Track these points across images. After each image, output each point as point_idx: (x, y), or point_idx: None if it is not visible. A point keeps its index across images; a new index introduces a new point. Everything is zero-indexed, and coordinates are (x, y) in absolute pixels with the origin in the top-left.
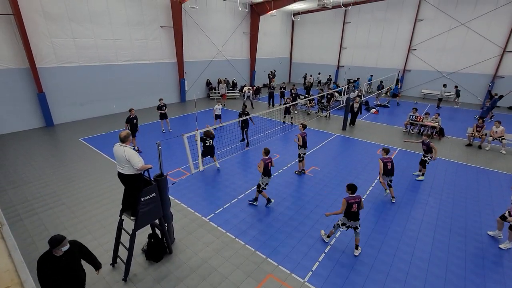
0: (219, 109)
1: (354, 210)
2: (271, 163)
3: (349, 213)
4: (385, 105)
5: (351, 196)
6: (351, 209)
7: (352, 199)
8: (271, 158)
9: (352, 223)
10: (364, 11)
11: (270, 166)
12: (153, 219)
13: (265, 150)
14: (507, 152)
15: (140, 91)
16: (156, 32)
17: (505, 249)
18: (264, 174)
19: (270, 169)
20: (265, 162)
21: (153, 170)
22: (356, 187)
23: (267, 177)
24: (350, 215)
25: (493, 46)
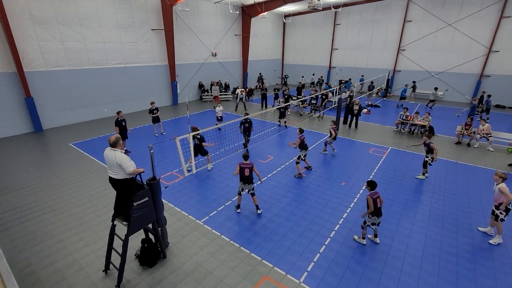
0: (220, 111)
1: (379, 205)
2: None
3: (376, 209)
4: (376, 105)
5: (372, 192)
6: (377, 205)
7: (375, 195)
8: (251, 164)
9: (379, 219)
10: (353, 13)
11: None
12: (146, 224)
13: (243, 154)
14: (495, 149)
15: (132, 94)
16: (147, 35)
17: (494, 244)
18: (240, 179)
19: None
20: (241, 166)
21: (146, 174)
22: (376, 183)
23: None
24: (376, 212)
25: (479, 46)
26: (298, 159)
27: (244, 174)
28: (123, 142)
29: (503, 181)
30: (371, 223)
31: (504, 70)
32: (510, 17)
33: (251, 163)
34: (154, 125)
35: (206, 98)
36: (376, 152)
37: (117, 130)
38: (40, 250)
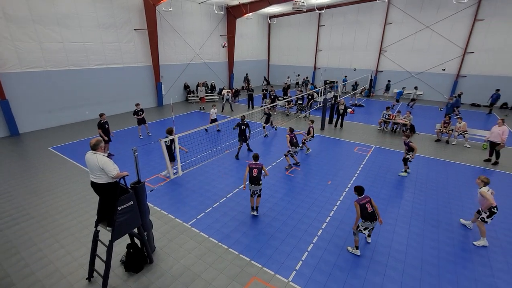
0: (214, 113)
1: (370, 210)
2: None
3: (367, 214)
4: (360, 104)
5: (360, 197)
6: (367, 210)
7: (363, 200)
8: (261, 165)
9: (372, 224)
10: (337, 14)
11: (256, 172)
12: (131, 228)
13: (254, 155)
14: (471, 146)
15: (115, 96)
16: (130, 35)
17: (479, 246)
18: (250, 181)
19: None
20: (250, 166)
21: (130, 177)
22: (363, 188)
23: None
24: (368, 217)
25: (455, 47)
26: (287, 152)
27: (253, 174)
28: (106, 145)
29: (485, 185)
30: (363, 228)
31: (479, 71)
32: (483, 20)
33: (261, 164)
34: (139, 127)
35: (192, 99)
36: (361, 150)
37: (100, 132)
38: (19, 260)
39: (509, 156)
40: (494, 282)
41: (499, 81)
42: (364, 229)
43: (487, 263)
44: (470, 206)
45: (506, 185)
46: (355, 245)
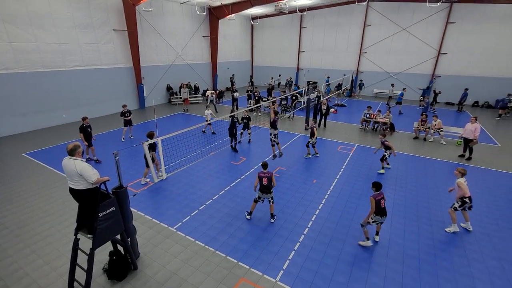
0: (209, 114)
1: (383, 206)
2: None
3: (380, 209)
4: (342, 104)
5: (376, 193)
6: (381, 205)
7: (379, 196)
8: (270, 173)
9: (382, 219)
10: (318, 16)
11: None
12: (113, 235)
13: (262, 163)
14: (446, 142)
15: (94, 99)
16: (108, 36)
17: (450, 232)
18: (260, 189)
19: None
20: (259, 175)
21: (112, 182)
22: (380, 184)
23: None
24: (380, 212)
25: (430, 49)
26: (271, 141)
27: (263, 183)
28: (91, 149)
29: (462, 176)
30: (372, 221)
31: (452, 71)
32: (454, 23)
33: (270, 172)
34: (125, 128)
35: (175, 101)
36: (344, 149)
37: (82, 136)
38: None
39: (481, 152)
40: (470, 272)
41: (470, 80)
42: (373, 222)
43: (463, 254)
44: (447, 201)
45: (479, 179)
46: (366, 237)
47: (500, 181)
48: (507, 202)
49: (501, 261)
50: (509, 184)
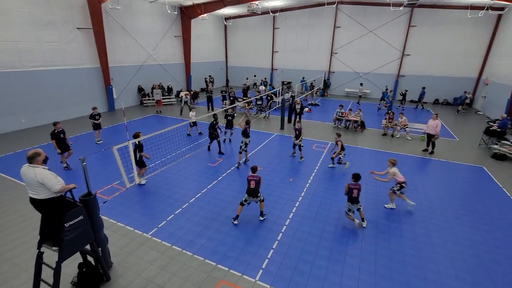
0: (193, 116)
1: (354, 195)
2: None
3: (351, 197)
4: (316, 103)
5: (352, 183)
6: (352, 194)
7: (353, 186)
8: (258, 177)
9: (354, 207)
10: (290, 18)
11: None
12: (82, 246)
13: (252, 167)
14: (412, 138)
15: (58, 101)
16: (72, 34)
17: (388, 207)
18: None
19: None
20: (248, 178)
21: (80, 189)
22: (359, 176)
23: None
24: (351, 199)
25: (395, 50)
26: (240, 148)
27: (250, 186)
28: (66, 155)
29: (393, 166)
30: (347, 209)
31: (415, 71)
32: (415, 26)
33: (259, 176)
34: (96, 131)
35: (148, 103)
36: (318, 147)
37: (54, 143)
38: None
39: (442, 146)
40: (434, 258)
41: (431, 80)
42: (348, 210)
43: (428, 241)
44: (412, 193)
45: (440, 171)
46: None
47: (458, 172)
48: (464, 192)
49: (460, 246)
50: (467, 175)
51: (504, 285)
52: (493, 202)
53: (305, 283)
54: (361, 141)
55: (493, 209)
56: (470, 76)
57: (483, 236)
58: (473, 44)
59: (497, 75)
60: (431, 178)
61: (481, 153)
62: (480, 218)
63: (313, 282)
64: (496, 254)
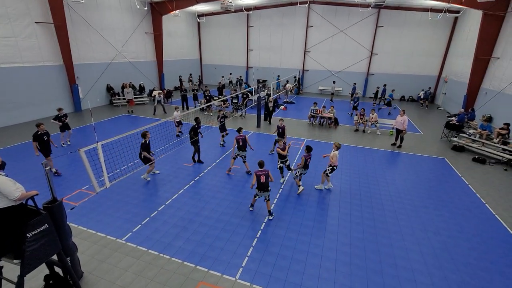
0: (178, 116)
1: (307, 162)
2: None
3: (305, 164)
4: (291, 101)
5: (306, 154)
6: (306, 162)
7: (307, 157)
8: (267, 171)
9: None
10: (264, 16)
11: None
12: (48, 256)
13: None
14: (381, 133)
15: (16, 102)
16: (30, 29)
17: (317, 188)
18: (257, 187)
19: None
20: (256, 174)
21: (44, 196)
22: (311, 147)
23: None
24: (305, 166)
25: (364, 49)
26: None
27: (260, 181)
28: (48, 159)
29: (337, 149)
30: (299, 173)
31: (383, 69)
32: (382, 27)
33: (267, 170)
34: (63, 133)
35: (118, 102)
36: (295, 144)
37: (35, 145)
38: None
39: (409, 140)
40: (404, 245)
41: (397, 78)
42: (300, 174)
43: (398, 230)
44: (383, 184)
45: (407, 163)
46: (298, 185)
47: (423, 164)
48: (429, 182)
49: (427, 233)
50: (431, 166)
51: (463, 265)
52: (454, 191)
53: (285, 278)
54: (334, 137)
55: (454, 197)
56: (432, 74)
57: (446, 223)
58: (434, 44)
59: (455, 74)
60: (399, 170)
61: (442, 145)
62: (444, 206)
63: (292, 277)
64: (457, 238)
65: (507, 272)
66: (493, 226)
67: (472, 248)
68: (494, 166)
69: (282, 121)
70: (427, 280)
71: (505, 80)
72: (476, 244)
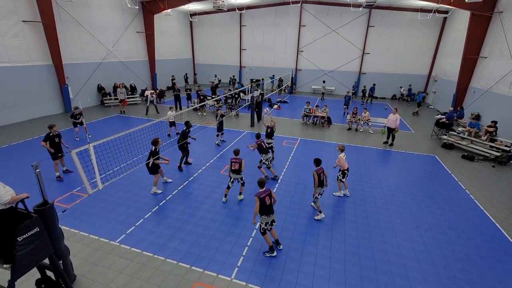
0: (172, 116)
1: (321, 179)
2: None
3: (319, 181)
4: (284, 101)
5: (317, 168)
6: (320, 178)
7: (319, 170)
8: (269, 190)
9: (322, 190)
10: (257, 16)
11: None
12: (40, 260)
13: (259, 180)
14: (374, 132)
15: (2, 103)
16: (17, 28)
17: (336, 195)
18: (262, 213)
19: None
20: (260, 197)
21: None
22: (320, 160)
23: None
24: (320, 183)
25: (356, 49)
26: (260, 163)
27: (266, 203)
28: (61, 160)
29: (342, 151)
30: (318, 194)
31: (374, 69)
32: (373, 26)
33: (268, 189)
34: (76, 129)
35: (109, 103)
36: (289, 143)
37: (47, 145)
38: None
39: (400, 138)
40: (397, 242)
41: (388, 77)
42: (319, 194)
43: (391, 227)
44: (376, 182)
45: (399, 161)
46: (319, 210)
47: (414, 162)
48: (421, 179)
49: (419, 230)
50: (422, 164)
51: (453, 261)
52: (445, 188)
53: (280, 277)
54: (328, 136)
55: (445, 194)
56: (422, 73)
57: (437, 220)
58: (424, 44)
59: (444, 73)
60: (391, 168)
61: (433, 143)
62: (435, 203)
63: (287, 275)
64: (448, 235)
65: (495, 266)
66: (482, 222)
67: (462, 244)
68: (482, 163)
69: (272, 122)
70: (420, 275)
71: (492, 79)
72: (466, 240)
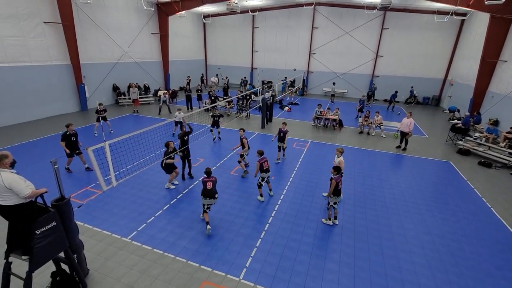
0: (179, 117)
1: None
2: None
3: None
4: (295, 103)
5: (336, 176)
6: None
7: (339, 178)
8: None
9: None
10: (269, 18)
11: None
12: (56, 253)
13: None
14: (386, 136)
15: (24, 100)
16: (39, 29)
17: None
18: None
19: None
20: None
21: (52, 194)
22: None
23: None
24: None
25: (369, 51)
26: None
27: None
28: (81, 158)
29: (341, 154)
30: (333, 203)
31: (388, 71)
32: (388, 29)
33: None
34: (97, 124)
35: (124, 102)
36: (299, 146)
37: (63, 145)
38: None
39: (413, 143)
40: (408, 248)
41: (402, 80)
42: (334, 203)
43: (402, 233)
44: (388, 187)
45: (412, 166)
46: (328, 217)
47: (428, 167)
48: (434, 185)
49: (432, 236)
50: (436, 169)
51: (466, 269)
52: (459, 195)
53: (288, 279)
54: (339, 139)
55: (459, 201)
56: (437, 77)
57: (451, 227)
58: (440, 47)
59: (461, 76)
60: (404, 173)
61: (448, 148)
62: (449, 210)
63: (296, 278)
64: (461, 242)
65: (511, 277)
66: (499, 230)
67: (476, 252)
68: (500, 170)
69: (285, 125)
70: (431, 283)
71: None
72: (481, 248)
